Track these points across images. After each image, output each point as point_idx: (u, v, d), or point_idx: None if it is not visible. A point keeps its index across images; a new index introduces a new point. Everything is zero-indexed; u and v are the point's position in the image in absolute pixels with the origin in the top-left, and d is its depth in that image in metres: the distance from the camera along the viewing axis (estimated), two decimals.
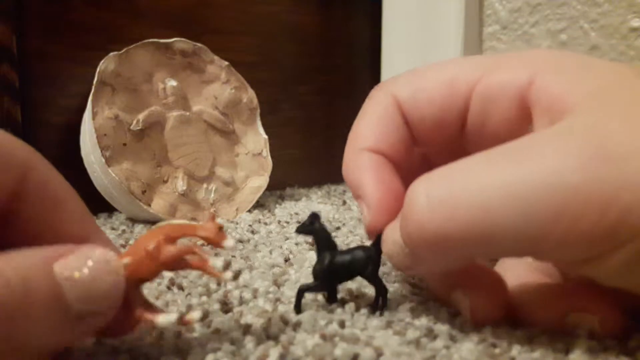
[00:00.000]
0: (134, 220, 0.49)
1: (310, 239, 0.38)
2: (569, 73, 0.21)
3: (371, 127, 0.25)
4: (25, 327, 0.15)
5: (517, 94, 0.22)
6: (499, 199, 0.18)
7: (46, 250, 0.17)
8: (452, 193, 0.19)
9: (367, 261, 0.24)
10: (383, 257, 0.24)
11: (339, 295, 0.26)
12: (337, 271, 0.24)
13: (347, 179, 0.25)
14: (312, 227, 0.25)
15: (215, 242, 0.19)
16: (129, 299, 0.18)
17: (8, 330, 0.15)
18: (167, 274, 0.29)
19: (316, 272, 0.25)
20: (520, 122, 0.23)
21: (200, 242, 0.19)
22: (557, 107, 0.20)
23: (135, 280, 0.18)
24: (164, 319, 0.18)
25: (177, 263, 0.19)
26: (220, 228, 0.19)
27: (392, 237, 0.22)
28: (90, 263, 0.17)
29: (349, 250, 0.25)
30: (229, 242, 0.19)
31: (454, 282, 0.24)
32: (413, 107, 0.25)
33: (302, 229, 0.25)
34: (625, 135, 0.17)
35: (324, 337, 0.21)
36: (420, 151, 0.28)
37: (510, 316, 0.23)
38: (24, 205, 0.18)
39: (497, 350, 0.21)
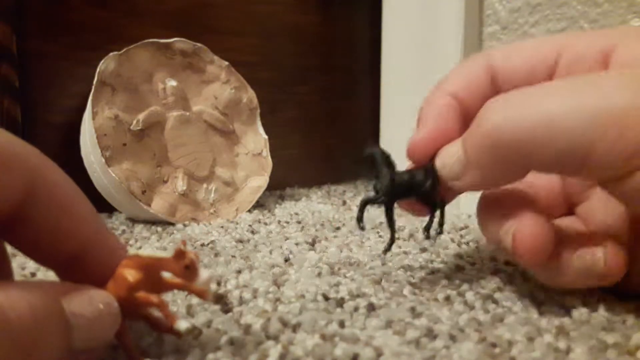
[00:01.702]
0: (134, 220, 0.49)
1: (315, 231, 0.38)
2: None
3: (460, 76, 0.27)
4: None
5: (601, 56, 0.24)
6: (561, 114, 0.20)
7: (54, 285, 0.18)
8: (526, 105, 0.21)
9: (426, 178, 0.25)
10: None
11: (339, 296, 0.26)
12: (397, 187, 0.26)
13: (419, 110, 0.28)
14: (372, 149, 0.26)
15: (184, 282, 0.18)
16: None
17: None
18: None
19: (377, 187, 0.26)
20: None
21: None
22: (634, 64, 0.22)
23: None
24: (183, 325, 0.18)
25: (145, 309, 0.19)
26: (188, 266, 0.18)
27: (449, 151, 0.25)
28: (95, 303, 0.18)
29: (409, 171, 0.26)
30: (200, 279, 0.18)
31: (507, 216, 0.24)
32: (506, 63, 0.27)
33: (365, 152, 0.27)
34: None
35: (323, 337, 0.21)
36: None
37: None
38: (34, 210, 0.18)
39: (497, 350, 0.21)
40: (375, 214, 0.46)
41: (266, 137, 0.55)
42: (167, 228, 0.45)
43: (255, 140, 0.55)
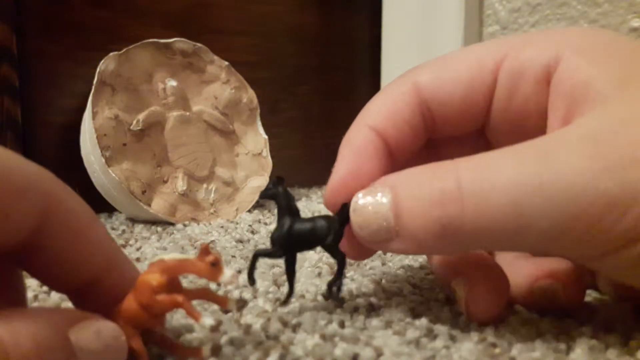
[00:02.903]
0: (134, 220, 0.49)
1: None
2: (596, 55, 0.21)
3: (382, 107, 0.24)
4: None
5: (544, 71, 0.22)
6: (528, 195, 0.18)
7: (62, 315, 0.17)
8: (484, 185, 0.19)
9: (329, 230, 0.23)
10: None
11: (340, 295, 0.26)
12: (296, 239, 0.23)
13: (340, 148, 0.25)
14: (275, 190, 0.23)
15: (209, 280, 0.18)
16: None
17: None
18: None
19: (274, 238, 0.23)
20: (547, 98, 0.23)
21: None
22: (580, 92, 0.20)
23: (137, 330, 0.19)
24: (207, 322, 0.18)
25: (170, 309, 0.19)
26: (214, 263, 0.18)
27: (372, 210, 0.21)
28: (103, 337, 0.17)
29: (311, 219, 0.23)
30: (225, 276, 0.18)
31: (456, 269, 0.24)
32: (436, 88, 0.24)
33: (264, 193, 0.24)
34: None
35: (323, 337, 0.21)
36: (430, 143, 0.27)
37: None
38: (48, 237, 0.18)
39: (497, 350, 0.21)
40: None
41: (266, 137, 0.55)
42: (167, 228, 0.45)
43: (255, 140, 0.55)
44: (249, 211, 0.52)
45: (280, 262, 0.33)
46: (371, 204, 0.21)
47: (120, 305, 0.18)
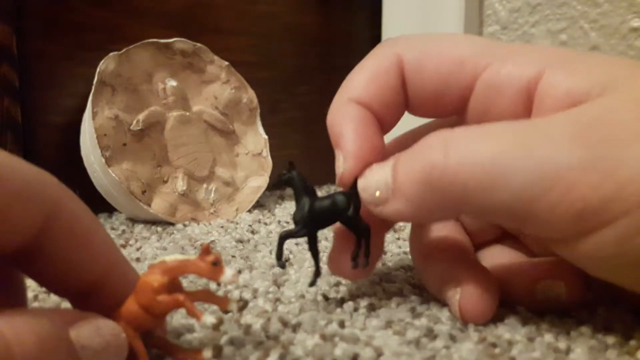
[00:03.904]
0: (134, 220, 0.49)
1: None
2: (577, 68, 0.21)
3: (366, 81, 0.25)
4: None
5: (524, 88, 0.22)
6: (508, 159, 0.19)
7: (62, 314, 0.17)
8: (470, 148, 0.20)
9: (349, 203, 0.24)
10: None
11: (339, 296, 0.26)
12: (317, 216, 0.24)
13: (329, 126, 0.25)
14: (290, 174, 0.24)
15: (210, 279, 0.18)
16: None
17: None
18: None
19: (296, 218, 0.24)
20: (524, 115, 0.23)
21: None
22: (566, 100, 0.21)
23: (137, 332, 0.19)
24: (209, 320, 0.18)
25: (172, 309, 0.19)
26: (215, 262, 0.18)
27: (376, 175, 0.23)
28: (103, 334, 0.17)
29: (329, 196, 0.24)
30: (226, 276, 0.18)
31: (447, 278, 0.24)
32: (416, 71, 0.24)
33: (278, 181, 0.24)
34: (633, 126, 0.18)
35: (323, 337, 0.21)
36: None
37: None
38: (51, 242, 0.18)
39: (497, 350, 0.21)
40: None
41: (266, 137, 0.55)
42: (167, 228, 0.45)
43: (255, 140, 0.55)
44: (249, 211, 0.52)
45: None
46: (376, 170, 0.23)
47: (121, 308, 0.18)
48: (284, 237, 0.24)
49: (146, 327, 0.18)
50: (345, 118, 0.24)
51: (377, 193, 0.22)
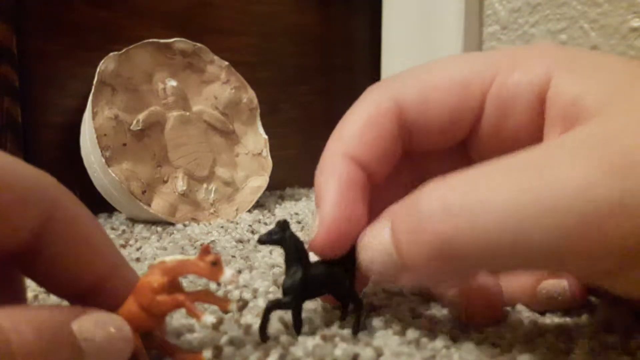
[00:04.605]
0: (134, 220, 0.49)
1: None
2: (583, 72, 0.20)
3: (360, 130, 0.23)
4: None
5: (537, 95, 0.21)
6: (525, 208, 0.16)
7: (63, 309, 0.17)
8: (472, 200, 0.17)
9: (345, 274, 0.22)
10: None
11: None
12: (310, 287, 0.22)
13: (315, 182, 0.23)
14: (282, 234, 0.21)
15: (210, 279, 0.18)
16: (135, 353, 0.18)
17: None
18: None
19: (286, 287, 0.21)
20: (541, 123, 0.22)
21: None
22: (572, 110, 0.20)
23: (137, 333, 0.18)
24: (209, 320, 0.18)
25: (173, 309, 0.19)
26: (215, 262, 0.18)
27: (377, 246, 0.20)
28: (106, 327, 0.17)
29: (322, 263, 0.22)
30: (226, 276, 0.18)
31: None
32: (420, 112, 0.23)
33: (268, 238, 0.22)
34: None
35: (323, 337, 0.21)
36: (408, 164, 0.26)
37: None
38: (51, 243, 0.18)
39: (497, 350, 0.21)
40: None
41: (266, 137, 0.55)
42: (167, 228, 0.45)
43: (255, 140, 0.55)
44: (249, 211, 0.52)
45: (281, 261, 0.33)
46: (376, 238, 0.20)
47: (121, 308, 0.18)
48: (270, 309, 0.21)
49: (146, 327, 0.18)
50: (331, 177, 0.22)
51: (387, 270, 0.20)
